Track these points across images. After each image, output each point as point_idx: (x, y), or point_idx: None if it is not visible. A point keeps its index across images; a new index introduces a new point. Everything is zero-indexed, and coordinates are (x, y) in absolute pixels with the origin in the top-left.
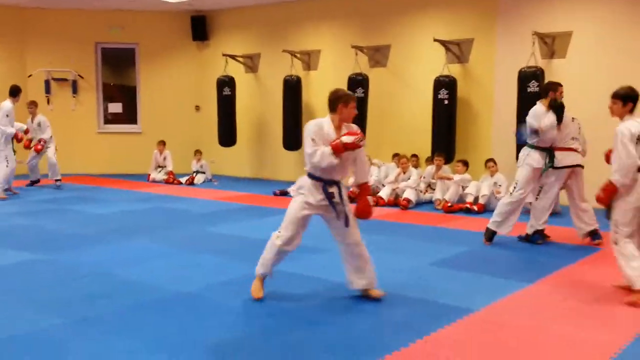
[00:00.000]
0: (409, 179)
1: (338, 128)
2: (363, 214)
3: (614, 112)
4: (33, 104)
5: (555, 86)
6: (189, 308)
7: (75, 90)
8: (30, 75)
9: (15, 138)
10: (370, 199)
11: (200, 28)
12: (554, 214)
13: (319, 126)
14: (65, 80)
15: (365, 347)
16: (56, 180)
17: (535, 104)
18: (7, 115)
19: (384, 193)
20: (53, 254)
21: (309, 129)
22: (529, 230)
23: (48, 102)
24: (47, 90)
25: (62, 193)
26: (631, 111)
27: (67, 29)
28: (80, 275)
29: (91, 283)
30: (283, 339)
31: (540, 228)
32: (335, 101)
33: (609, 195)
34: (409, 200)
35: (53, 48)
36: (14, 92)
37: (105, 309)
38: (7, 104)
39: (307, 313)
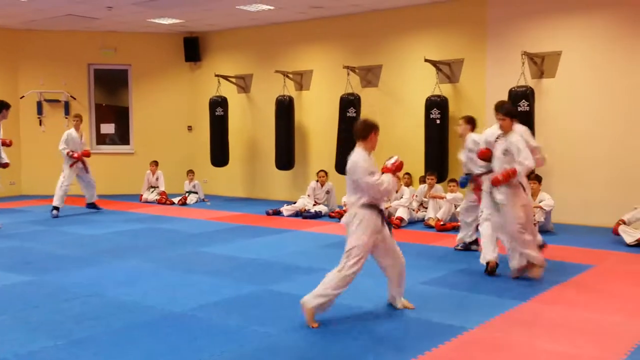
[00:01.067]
0: (401, 197)
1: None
2: None
3: (505, 127)
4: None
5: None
6: (181, 328)
7: (67, 111)
8: (22, 97)
9: (4, 144)
10: None
11: (193, 49)
12: (548, 232)
13: (366, 158)
14: (57, 101)
15: None
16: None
17: (525, 123)
18: None
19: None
20: (44, 276)
21: (363, 163)
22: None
23: (40, 124)
24: (39, 111)
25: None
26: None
27: (59, 51)
28: (71, 296)
29: (82, 304)
30: (274, 357)
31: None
32: (369, 129)
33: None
34: (401, 219)
35: (45, 69)
36: None
37: (97, 330)
38: None
39: (299, 333)
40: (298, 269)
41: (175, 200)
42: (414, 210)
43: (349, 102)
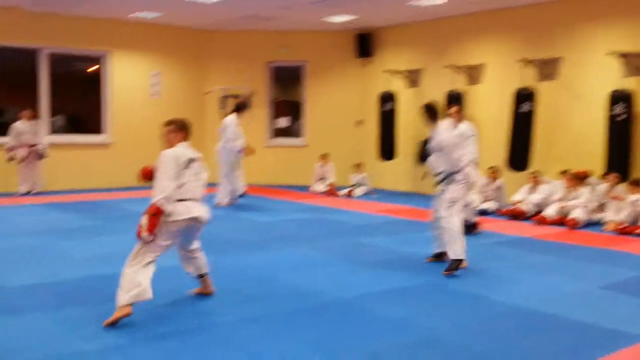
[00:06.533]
0: (578, 197)
1: None
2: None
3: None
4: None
5: None
6: (346, 315)
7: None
8: (207, 93)
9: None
10: (144, 218)
11: (365, 45)
12: None
13: None
14: (239, 97)
15: None
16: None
17: None
18: (234, 130)
19: (551, 211)
20: (222, 257)
21: None
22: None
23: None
24: (223, 106)
25: (239, 202)
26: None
27: (242, 49)
28: (246, 278)
29: (256, 286)
30: (438, 351)
31: None
32: None
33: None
34: (577, 220)
35: (228, 67)
36: (239, 108)
37: (269, 311)
38: (232, 119)
39: (465, 329)
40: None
41: (343, 192)
42: (592, 211)
43: (524, 97)
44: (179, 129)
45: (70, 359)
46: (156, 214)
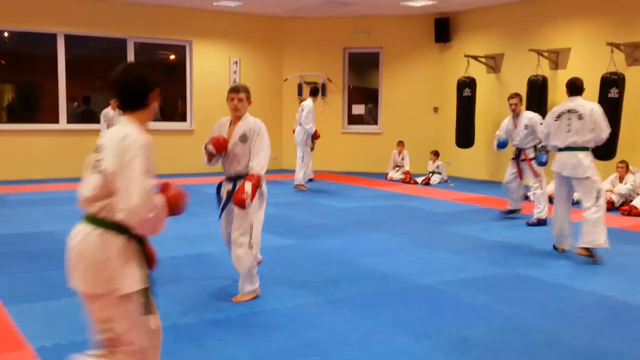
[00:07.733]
0: None
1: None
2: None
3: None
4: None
5: None
6: (428, 299)
7: (324, 92)
8: (285, 80)
9: (314, 136)
10: (248, 185)
11: (444, 30)
12: None
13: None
14: (315, 83)
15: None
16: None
17: None
18: (310, 113)
19: (639, 202)
20: (303, 241)
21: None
22: None
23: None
24: (299, 92)
25: (309, 187)
26: None
27: (319, 36)
28: (328, 260)
29: (338, 268)
30: (522, 337)
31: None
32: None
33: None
34: None
35: (305, 54)
36: (314, 92)
37: (351, 292)
38: (309, 102)
39: (549, 317)
40: (546, 254)
41: (419, 180)
42: None
43: (611, 82)
44: (249, 97)
45: (170, 331)
46: (258, 185)
